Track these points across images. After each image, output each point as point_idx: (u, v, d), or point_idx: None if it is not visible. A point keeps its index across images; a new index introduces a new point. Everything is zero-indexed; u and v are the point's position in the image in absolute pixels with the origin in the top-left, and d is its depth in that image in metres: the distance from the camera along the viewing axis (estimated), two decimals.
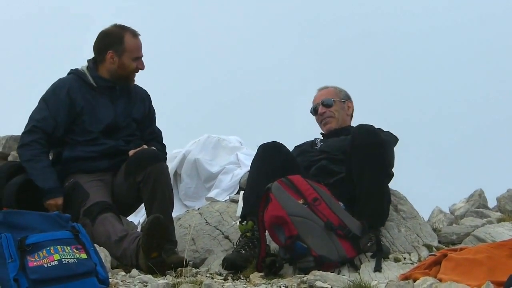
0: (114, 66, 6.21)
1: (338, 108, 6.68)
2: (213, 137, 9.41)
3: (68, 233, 4.47)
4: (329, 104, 6.67)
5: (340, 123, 6.64)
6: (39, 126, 6.01)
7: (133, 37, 6.27)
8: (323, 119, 6.70)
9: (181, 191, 8.83)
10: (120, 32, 6.27)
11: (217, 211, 6.90)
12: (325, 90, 6.89)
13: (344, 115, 6.71)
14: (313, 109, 6.81)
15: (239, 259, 5.37)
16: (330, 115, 6.65)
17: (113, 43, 6.24)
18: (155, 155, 5.92)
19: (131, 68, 6.24)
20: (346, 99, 6.79)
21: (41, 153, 5.98)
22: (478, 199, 9.90)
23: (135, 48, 6.27)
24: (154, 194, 5.73)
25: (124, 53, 6.23)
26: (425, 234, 5.95)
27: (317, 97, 6.88)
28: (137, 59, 6.24)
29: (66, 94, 6.12)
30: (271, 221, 5.11)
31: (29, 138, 6.00)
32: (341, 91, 6.84)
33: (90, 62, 6.30)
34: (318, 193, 5.33)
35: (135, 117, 6.36)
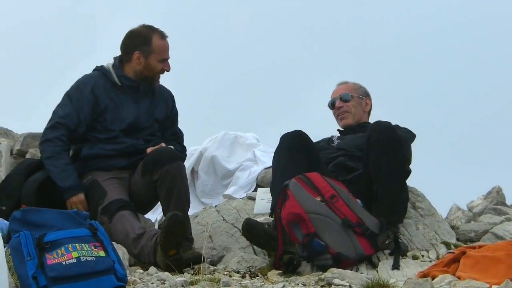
0: (140, 67, 6.21)
1: (355, 104, 6.65)
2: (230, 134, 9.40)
3: (86, 230, 4.48)
4: (347, 99, 6.64)
5: (357, 119, 6.61)
6: (62, 123, 6.02)
7: (161, 38, 6.26)
8: (339, 114, 6.67)
9: (198, 188, 8.82)
10: (149, 33, 6.26)
11: (234, 208, 6.89)
12: (344, 85, 6.86)
13: (361, 111, 6.67)
14: (331, 103, 6.78)
15: (259, 226, 5.38)
16: (347, 110, 6.62)
17: (141, 44, 6.23)
18: (172, 154, 5.92)
19: (157, 69, 6.23)
20: (365, 95, 6.75)
21: (63, 150, 5.99)
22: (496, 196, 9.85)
23: (163, 49, 6.26)
24: (170, 193, 5.73)
25: (151, 54, 6.22)
26: (443, 231, 5.93)
27: (336, 91, 6.85)
28: (163, 61, 6.23)
29: (90, 91, 6.13)
30: (288, 219, 5.11)
31: (52, 134, 6.00)
32: (360, 87, 6.81)
33: (116, 60, 6.30)
34: (336, 190, 5.32)
35: (157, 117, 6.36)
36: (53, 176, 5.90)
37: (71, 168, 5.98)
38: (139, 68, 6.21)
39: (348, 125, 6.59)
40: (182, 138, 6.61)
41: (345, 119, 6.64)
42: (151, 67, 6.22)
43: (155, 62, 6.21)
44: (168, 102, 6.52)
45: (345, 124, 6.63)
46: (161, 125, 6.41)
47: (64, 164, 5.95)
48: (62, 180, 5.88)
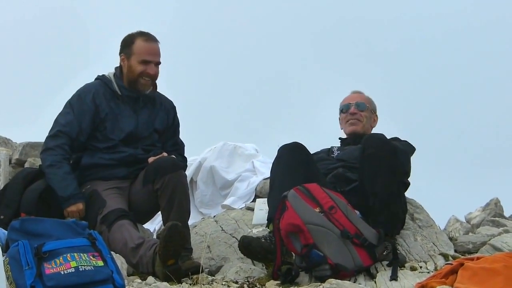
0: (125, 70, 6.25)
1: (367, 115, 6.65)
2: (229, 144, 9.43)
3: (85, 240, 4.49)
4: (363, 108, 6.63)
5: (365, 130, 6.61)
6: (64, 131, 6.04)
7: (145, 41, 6.26)
8: (351, 119, 6.64)
9: (197, 198, 8.84)
10: (134, 35, 6.30)
11: (233, 218, 6.90)
12: (360, 94, 6.86)
13: (369, 125, 6.67)
14: (345, 107, 6.74)
15: (255, 242, 5.38)
16: (359, 118, 6.61)
17: (125, 46, 6.29)
18: (174, 163, 5.93)
19: (137, 71, 6.21)
20: (374, 111, 6.77)
21: (63, 159, 5.99)
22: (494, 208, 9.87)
23: (143, 51, 6.23)
24: (171, 202, 5.73)
25: (132, 55, 6.24)
26: (441, 243, 5.93)
27: (351, 97, 6.83)
28: (144, 63, 6.21)
29: (92, 99, 6.14)
30: (287, 229, 5.10)
31: (53, 143, 6.01)
32: (372, 102, 6.82)
33: (117, 70, 6.32)
34: (334, 202, 5.32)
35: (157, 128, 6.37)
36: (53, 185, 5.90)
37: (71, 177, 5.97)
38: (125, 72, 6.25)
39: (356, 132, 6.57)
40: (183, 149, 6.63)
41: (355, 125, 6.61)
42: (131, 69, 6.23)
43: (135, 63, 6.21)
44: (170, 113, 6.52)
45: (353, 130, 6.60)
46: (161, 136, 6.42)
47: (65, 173, 5.95)
48: (62, 189, 5.88)
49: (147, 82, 6.25)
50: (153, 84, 6.33)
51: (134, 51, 6.23)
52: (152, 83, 6.30)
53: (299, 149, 6.01)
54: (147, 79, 6.24)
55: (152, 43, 6.28)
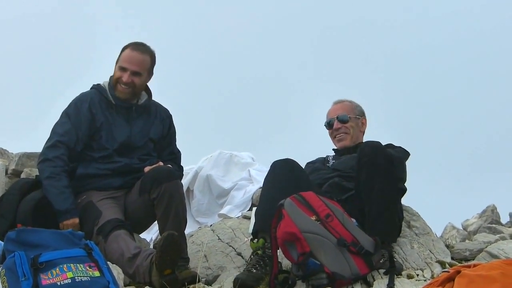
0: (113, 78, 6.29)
1: (353, 125, 6.63)
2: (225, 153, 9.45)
3: (81, 251, 4.49)
4: (345, 120, 6.62)
5: (354, 140, 6.60)
6: (63, 141, 6.03)
7: (131, 50, 6.28)
8: (337, 135, 6.65)
9: (194, 207, 8.85)
10: (127, 45, 6.33)
11: (229, 227, 6.90)
12: (341, 104, 6.81)
13: (358, 131, 6.66)
14: (328, 123, 6.73)
15: (250, 279, 5.34)
16: (345, 131, 6.61)
17: (118, 56, 6.31)
18: (170, 173, 5.93)
19: (115, 76, 6.26)
20: (361, 115, 6.73)
21: (62, 171, 5.98)
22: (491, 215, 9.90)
23: (125, 58, 6.26)
24: (168, 211, 5.73)
25: (117, 62, 6.29)
26: (438, 250, 5.93)
27: (332, 111, 6.80)
28: (122, 69, 6.22)
29: (88, 108, 6.16)
30: (283, 238, 5.10)
31: (52, 154, 6.00)
32: (356, 106, 6.78)
33: (111, 79, 6.33)
34: (331, 210, 5.31)
35: (153, 137, 6.37)
36: (50, 197, 5.89)
37: (69, 191, 5.96)
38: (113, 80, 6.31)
39: (346, 147, 6.58)
40: (179, 158, 6.62)
41: (343, 140, 6.62)
42: (114, 75, 6.29)
43: (116, 69, 6.27)
44: (165, 122, 6.52)
45: (342, 146, 6.61)
46: (157, 145, 6.42)
47: (63, 186, 5.93)
48: (59, 203, 5.87)
49: (124, 90, 6.24)
50: (132, 93, 6.31)
51: (120, 57, 6.28)
52: (130, 92, 6.27)
53: (290, 165, 6.00)
54: (123, 86, 6.23)
55: (137, 52, 6.27)
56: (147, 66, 6.32)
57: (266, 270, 5.39)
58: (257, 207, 6.08)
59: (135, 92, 6.29)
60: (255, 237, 5.69)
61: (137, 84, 6.25)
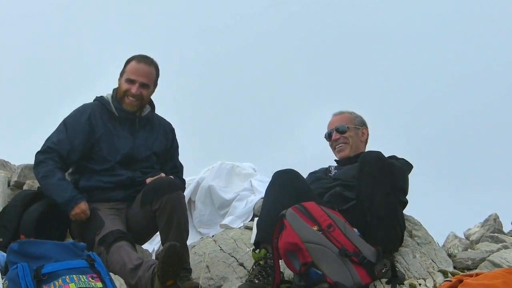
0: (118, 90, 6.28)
1: (352, 135, 6.65)
2: (227, 164, 9.44)
3: (83, 262, 4.49)
4: (343, 130, 6.64)
5: (354, 150, 6.61)
6: (54, 148, 6.05)
7: (137, 62, 6.29)
8: (336, 146, 6.68)
9: (195, 218, 8.84)
10: (132, 57, 6.34)
11: (231, 238, 6.89)
12: (340, 116, 6.84)
13: (358, 141, 6.67)
14: (327, 135, 6.78)
15: None
16: (344, 141, 6.63)
17: (123, 67, 6.32)
18: (172, 184, 5.91)
19: (122, 89, 6.25)
20: (361, 125, 6.74)
21: (55, 168, 5.99)
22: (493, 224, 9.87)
23: (132, 70, 6.26)
24: (170, 222, 5.71)
25: (123, 74, 6.29)
26: (440, 259, 5.93)
27: (332, 122, 6.85)
28: (130, 81, 6.23)
29: (87, 119, 6.16)
30: (285, 248, 5.10)
31: (43, 157, 6.03)
32: (356, 117, 6.79)
33: (114, 92, 6.34)
34: (333, 220, 5.32)
35: (156, 150, 6.36)
36: (50, 194, 5.90)
37: (66, 182, 5.97)
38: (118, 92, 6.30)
39: (345, 157, 6.59)
40: (181, 171, 6.61)
41: (343, 151, 6.64)
42: (120, 87, 6.30)
43: (122, 81, 6.28)
44: (168, 135, 6.53)
45: (342, 156, 6.63)
46: (160, 158, 6.41)
47: (58, 179, 5.93)
48: (59, 195, 5.87)
49: (132, 102, 6.25)
50: (140, 105, 6.32)
51: (126, 70, 6.28)
52: (138, 104, 6.29)
53: (292, 176, 6.02)
54: (132, 99, 6.23)
55: (143, 64, 6.29)
56: (153, 78, 6.34)
57: (268, 280, 5.38)
58: (258, 218, 6.09)
59: (142, 104, 6.30)
60: (257, 248, 5.69)
61: (144, 96, 6.27)
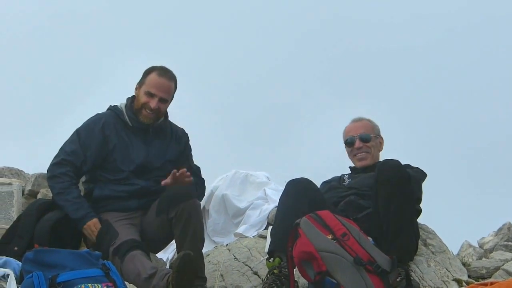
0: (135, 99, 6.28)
1: (374, 144, 6.58)
2: (241, 172, 9.45)
3: (98, 270, 4.50)
4: (367, 139, 6.57)
5: (374, 159, 6.57)
6: (68, 160, 6.06)
7: (158, 75, 6.26)
8: (358, 154, 6.60)
9: (209, 227, 8.85)
10: (153, 68, 6.32)
11: (245, 246, 6.89)
12: (362, 123, 6.77)
13: (377, 151, 6.62)
14: (349, 141, 6.67)
15: None
16: (367, 150, 6.57)
17: (142, 77, 6.32)
18: (188, 192, 5.90)
19: (141, 101, 6.22)
20: (379, 134, 6.69)
21: (71, 185, 6.00)
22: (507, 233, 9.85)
23: (153, 83, 6.23)
24: (186, 230, 5.69)
25: (142, 85, 6.27)
26: (455, 268, 5.92)
27: (353, 128, 6.76)
28: (150, 95, 6.20)
29: (101, 129, 6.17)
30: (300, 257, 5.10)
31: (58, 171, 6.03)
32: (375, 126, 6.75)
33: (128, 101, 6.35)
34: (347, 228, 5.31)
35: (170, 159, 6.36)
36: (66, 210, 5.93)
37: (81, 200, 5.98)
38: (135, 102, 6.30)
39: (366, 166, 6.54)
40: (199, 172, 6.55)
41: (364, 159, 6.56)
42: (138, 98, 6.27)
43: (142, 93, 6.24)
44: (181, 140, 6.51)
45: (363, 165, 6.55)
46: (175, 164, 6.38)
47: (74, 197, 5.96)
48: (74, 212, 5.90)
49: (148, 115, 6.24)
50: (156, 118, 6.31)
51: (146, 82, 6.26)
52: (154, 117, 6.27)
53: (305, 184, 6.02)
54: (149, 112, 6.21)
55: (164, 79, 6.27)
56: (172, 93, 6.33)
57: None
58: (272, 227, 6.09)
59: (158, 117, 6.30)
60: (271, 256, 5.69)
61: (162, 111, 6.28)
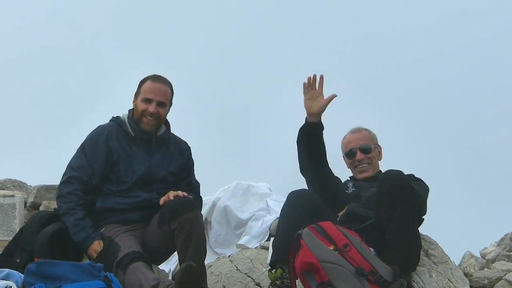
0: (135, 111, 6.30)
1: (374, 155, 6.60)
2: (243, 184, 9.46)
3: (101, 282, 4.51)
4: (368, 150, 6.59)
5: (375, 170, 6.58)
6: (75, 176, 6.07)
7: (152, 81, 6.31)
8: (359, 165, 6.61)
9: (212, 238, 8.85)
10: (146, 78, 6.36)
11: (247, 258, 6.89)
12: (361, 134, 6.77)
13: (377, 161, 6.64)
14: (350, 153, 6.67)
15: None
16: (368, 162, 6.59)
17: (137, 88, 6.37)
18: (190, 203, 5.90)
19: (140, 109, 6.25)
20: (377, 143, 6.72)
21: (76, 206, 6.00)
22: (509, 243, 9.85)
23: (148, 90, 6.27)
24: (188, 241, 5.68)
25: (139, 95, 6.31)
26: (457, 279, 5.91)
27: (353, 140, 6.74)
28: (147, 101, 6.23)
29: (105, 141, 6.18)
30: (302, 268, 5.10)
31: (66, 190, 6.05)
32: (373, 135, 6.76)
33: (130, 112, 6.37)
34: (349, 239, 5.31)
35: (172, 170, 6.36)
36: (69, 231, 5.93)
37: (83, 222, 5.96)
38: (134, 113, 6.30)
39: (368, 178, 6.55)
40: (198, 188, 6.56)
41: (366, 171, 6.57)
42: (136, 108, 6.30)
43: (139, 101, 6.27)
44: (184, 153, 6.52)
45: (365, 177, 6.56)
46: (176, 177, 6.39)
47: (76, 219, 5.95)
48: (75, 234, 5.90)
49: (150, 122, 6.25)
50: (157, 124, 6.34)
51: (142, 90, 6.30)
52: (155, 123, 6.30)
53: (307, 195, 6.03)
54: (150, 118, 6.24)
55: (159, 83, 6.31)
56: (169, 97, 6.36)
57: None
58: (274, 238, 6.09)
59: (159, 123, 6.32)
60: (273, 268, 5.69)
61: (161, 115, 6.29)
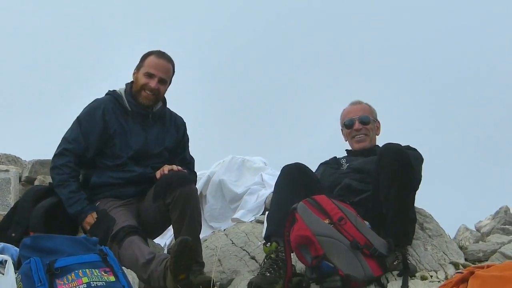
0: (134, 83, 6.28)
1: (372, 127, 6.65)
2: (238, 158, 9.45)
3: (96, 256, 4.50)
4: (367, 121, 6.62)
5: (372, 142, 6.61)
6: (69, 148, 6.05)
7: (156, 57, 6.29)
8: (357, 135, 6.64)
9: (207, 212, 8.85)
10: (150, 52, 6.34)
11: (243, 231, 6.90)
12: (361, 106, 6.82)
13: (374, 134, 6.68)
14: (349, 122, 6.71)
15: (264, 282, 5.34)
16: (365, 133, 6.63)
17: (140, 61, 6.34)
18: (185, 177, 5.91)
19: (140, 82, 6.24)
20: (376, 118, 6.75)
21: (70, 177, 6.00)
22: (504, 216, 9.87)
23: (151, 64, 6.27)
24: (183, 215, 5.71)
25: (141, 68, 6.30)
26: (452, 252, 5.92)
27: (353, 111, 6.79)
28: (149, 75, 6.23)
29: (101, 115, 6.16)
30: (297, 241, 5.10)
31: (59, 162, 6.04)
32: (373, 110, 6.80)
33: (127, 86, 6.35)
34: (344, 212, 5.32)
35: (168, 146, 6.37)
36: (64, 203, 5.93)
37: (78, 194, 5.97)
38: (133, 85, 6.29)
39: (365, 148, 6.57)
40: (192, 164, 6.58)
41: (363, 142, 6.61)
42: (137, 81, 6.29)
43: (141, 75, 6.26)
44: (180, 129, 6.52)
45: (361, 147, 6.60)
46: (172, 152, 6.40)
47: (70, 192, 5.95)
48: (70, 206, 5.90)
49: (148, 96, 6.25)
50: (155, 100, 6.32)
51: (145, 64, 6.28)
52: (154, 99, 6.29)
53: (300, 169, 6.02)
54: (148, 93, 6.23)
55: (162, 60, 6.30)
56: (171, 75, 6.36)
57: (279, 273, 5.39)
58: (268, 212, 6.10)
59: (158, 99, 6.31)
60: (268, 241, 5.70)
61: (161, 92, 6.29)
